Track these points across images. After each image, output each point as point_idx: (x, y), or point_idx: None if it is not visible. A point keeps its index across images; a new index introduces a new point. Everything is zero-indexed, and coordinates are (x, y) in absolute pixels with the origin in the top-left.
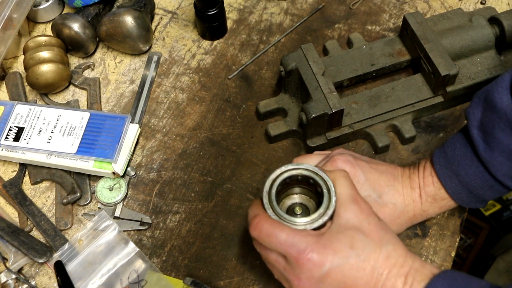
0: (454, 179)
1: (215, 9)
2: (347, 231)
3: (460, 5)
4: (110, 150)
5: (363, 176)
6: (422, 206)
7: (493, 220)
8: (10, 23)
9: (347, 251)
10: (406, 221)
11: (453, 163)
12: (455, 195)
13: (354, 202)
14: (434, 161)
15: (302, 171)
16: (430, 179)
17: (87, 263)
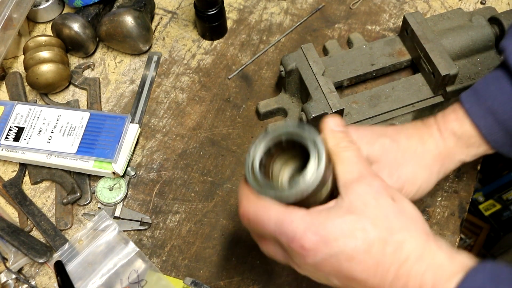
0: (489, 117)
1: (215, 9)
2: (348, 216)
3: (460, 5)
4: (110, 150)
5: (367, 130)
6: (445, 143)
7: (493, 220)
8: (10, 23)
9: (343, 241)
10: (433, 161)
11: (488, 99)
12: (490, 136)
13: (359, 180)
14: (462, 100)
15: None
16: (452, 116)
17: (87, 263)
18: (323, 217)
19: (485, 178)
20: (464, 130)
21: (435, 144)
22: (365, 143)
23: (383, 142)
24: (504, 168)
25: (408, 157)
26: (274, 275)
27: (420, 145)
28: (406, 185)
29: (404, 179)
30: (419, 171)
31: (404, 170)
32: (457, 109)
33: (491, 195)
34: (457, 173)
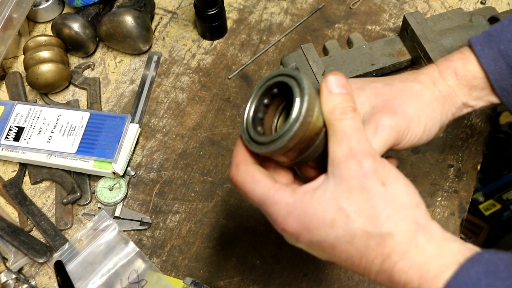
0: (501, 61)
1: (215, 9)
2: (331, 202)
3: (460, 5)
4: (110, 150)
5: (358, 79)
6: (446, 81)
7: (493, 220)
8: (10, 23)
9: (324, 230)
10: (434, 99)
11: (502, 42)
12: (498, 82)
13: (348, 159)
14: (472, 42)
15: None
16: (458, 56)
17: (87, 263)
18: (307, 201)
19: (485, 178)
20: (468, 70)
21: (432, 83)
22: (356, 89)
23: (375, 85)
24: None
25: (406, 95)
26: (274, 275)
27: (416, 84)
28: (412, 124)
29: (409, 116)
30: (421, 108)
31: (406, 107)
32: (464, 51)
33: (491, 195)
34: (457, 173)
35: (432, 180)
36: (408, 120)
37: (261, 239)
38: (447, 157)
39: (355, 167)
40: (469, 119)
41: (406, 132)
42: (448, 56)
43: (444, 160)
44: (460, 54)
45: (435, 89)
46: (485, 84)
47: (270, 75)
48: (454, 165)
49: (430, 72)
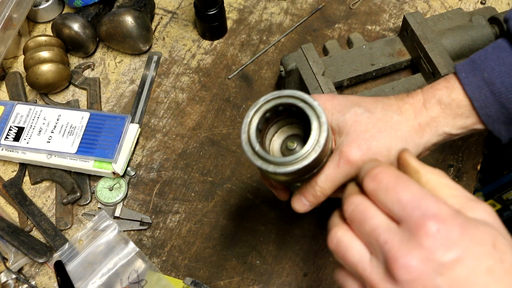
0: (485, 89)
1: (215, 9)
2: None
3: (460, 5)
4: (110, 150)
5: (343, 98)
6: (428, 112)
7: None
8: (10, 23)
9: (488, 248)
10: (410, 132)
11: (486, 69)
12: (483, 109)
13: (476, 201)
14: (457, 69)
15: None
16: (443, 84)
17: (87, 263)
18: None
19: (485, 178)
20: (453, 99)
21: (413, 114)
22: (337, 112)
23: (356, 111)
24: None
25: (382, 127)
26: (274, 275)
27: (396, 115)
28: (378, 157)
29: (375, 151)
30: (393, 142)
31: (375, 142)
32: (449, 78)
33: (491, 195)
34: (457, 173)
35: None
36: (375, 154)
37: (261, 239)
38: (447, 157)
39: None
40: None
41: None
42: (434, 83)
43: (444, 160)
44: (446, 82)
45: (415, 121)
46: (470, 112)
47: (281, 94)
48: (454, 165)
49: (414, 103)
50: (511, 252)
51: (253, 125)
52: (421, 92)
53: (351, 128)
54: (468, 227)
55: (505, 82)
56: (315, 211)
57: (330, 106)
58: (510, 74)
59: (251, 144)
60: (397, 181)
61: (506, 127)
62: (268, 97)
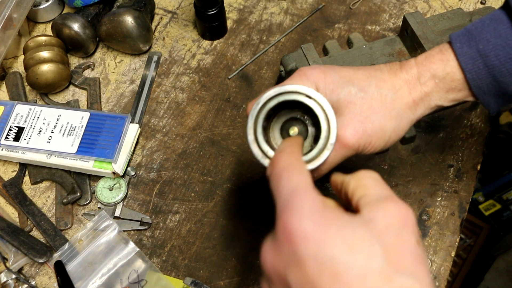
0: (479, 60)
1: (215, 9)
2: (362, 228)
3: (460, 5)
4: (110, 150)
5: (335, 74)
6: (423, 87)
7: (493, 220)
8: (10, 23)
9: (340, 250)
10: (404, 110)
11: (481, 41)
12: (475, 81)
13: (388, 201)
14: (452, 39)
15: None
16: (438, 57)
17: (87, 263)
18: (335, 214)
19: (485, 178)
20: (447, 73)
21: (408, 91)
22: (330, 91)
23: (350, 90)
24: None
25: (376, 107)
26: None
27: (391, 93)
28: (374, 139)
29: (370, 133)
30: (388, 123)
31: (370, 124)
32: (444, 50)
33: (491, 195)
34: (457, 173)
35: (432, 180)
36: (370, 136)
37: (261, 239)
38: (447, 157)
39: (394, 209)
40: (469, 119)
41: (366, 146)
42: (429, 54)
43: (444, 160)
44: (441, 55)
45: (409, 97)
46: (462, 85)
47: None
48: (454, 165)
49: (409, 78)
50: (372, 258)
51: (259, 126)
52: (415, 65)
53: (346, 109)
54: (327, 227)
55: (499, 55)
56: None
57: (323, 85)
58: (505, 48)
59: (260, 147)
60: (283, 171)
61: (495, 99)
62: (271, 94)
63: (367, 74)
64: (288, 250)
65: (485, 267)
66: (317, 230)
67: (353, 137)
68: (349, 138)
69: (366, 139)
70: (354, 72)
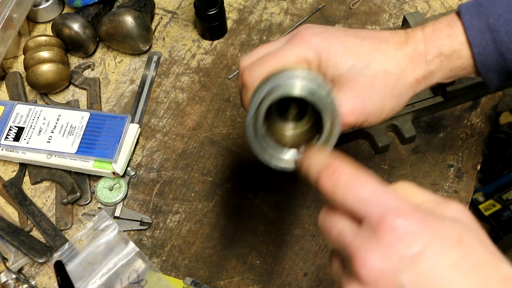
0: (487, 35)
1: (215, 9)
2: (458, 224)
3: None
4: (110, 150)
5: (340, 45)
6: (428, 66)
7: (493, 220)
8: (10, 23)
9: (453, 242)
10: (405, 89)
11: (492, 15)
12: (480, 57)
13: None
14: (462, 10)
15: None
16: (446, 31)
17: (87, 263)
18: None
19: (485, 178)
20: (455, 50)
21: (413, 69)
22: (333, 64)
23: (353, 65)
24: (504, 168)
25: (378, 86)
26: (274, 275)
27: (395, 71)
28: (371, 117)
29: (369, 111)
30: (388, 102)
31: (370, 102)
32: (453, 24)
33: (491, 195)
34: (457, 173)
35: (432, 180)
36: (368, 114)
37: (261, 239)
38: (447, 157)
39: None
40: (469, 119)
41: (362, 123)
42: (436, 27)
43: (444, 160)
44: (449, 29)
45: (412, 76)
46: (467, 63)
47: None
48: (454, 165)
49: (415, 55)
50: (479, 248)
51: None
52: (422, 39)
53: (347, 85)
54: (430, 221)
55: (509, 31)
56: (316, 211)
57: (326, 56)
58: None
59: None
60: (355, 178)
61: (498, 76)
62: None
63: (373, 47)
64: (399, 252)
65: None
66: (423, 226)
67: (352, 115)
68: (347, 117)
69: (364, 117)
70: (360, 43)
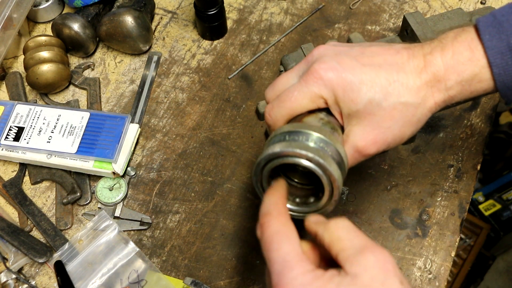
0: (508, 55)
1: (215, 9)
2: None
3: (460, 5)
4: (110, 150)
5: (355, 79)
6: (448, 91)
7: (493, 220)
8: (10, 23)
9: None
10: (425, 114)
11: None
12: (501, 77)
13: (364, 252)
14: (481, 29)
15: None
16: (467, 55)
17: (87, 263)
18: (325, 281)
19: (485, 178)
20: (476, 74)
21: (432, 96)
22: (350, 101)
23: (371, 100)
24: (504, 168)
25: (398, 117)
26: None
27: (415, 101)
28: (392, 144)
29: (390, 140)
30: (408, 130)
31: (391, 134)
32: (473, 45)
33: (491, 195)
34: (457, 173)
35: (432, 180)
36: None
37: None
38: (447, 157)
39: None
40: (469, 119)
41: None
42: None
43: (444, 160)
44: (470, 52)
45: (432, 101)
46: (488, 85)
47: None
48: (454, 165)
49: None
50: None
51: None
52: (442, 66)
53: (365, 119)
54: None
55: None
56: None
57: (341, 93)
58: None
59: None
60: (272, 238)
61: None
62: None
63: (390, 78)
64: None
65: (485, 267)
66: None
67: (373, 147)
68: (370, 149)
69: (385, 146)
70: (376, 75)
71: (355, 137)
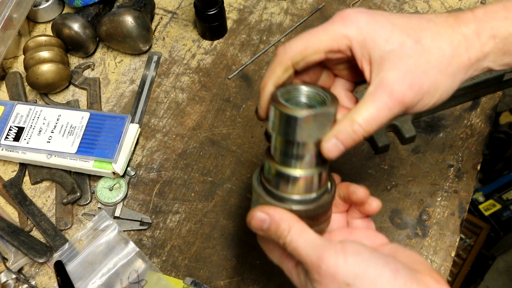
0: None
1: (215, 9)
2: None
3: (460, 5)
4: (110, 150)
5: (387, 22)
6: (483, 47)
7: (493, 220)
8: (10, 23)
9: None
10: (459, 69)
11: None
12: None
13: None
14: None
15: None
16: (502, 13)
17: (87, 263)
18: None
19: (485, 178)
20: (510, 33)
21: (465, 48)
22: (383, 41)
23: (404, 41)
24: (504, 168)
25: (433, 62)
26: (274, 275)
27: (449, 48)
28: (426, 97)
29: (426, 89)
30: (443, 80)
31: (427, 80)
32: (510, 5)
33: (491, 195)
34: (457, 173)
35: (432, 180)
36: (423, 94)
37: None
38: (447, 157)
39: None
40: (469, 119)
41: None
42: (489, 9)
43: (444, 160)
44: (505, 11)
45: (465, 56)
46: None
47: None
48: (454, 165)
49: (467, 33)
50: None
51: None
52: (473, 19)
53: (400, 62)
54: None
55: None
56: None
57: (372, 32)
58: None
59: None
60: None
61: None
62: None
63: (420, 25)
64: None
65: (485, 267)
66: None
67: (410, 92)
68: (407, 95)
69: (420, 96)
70: (407, 21)
71: (391, 82)
